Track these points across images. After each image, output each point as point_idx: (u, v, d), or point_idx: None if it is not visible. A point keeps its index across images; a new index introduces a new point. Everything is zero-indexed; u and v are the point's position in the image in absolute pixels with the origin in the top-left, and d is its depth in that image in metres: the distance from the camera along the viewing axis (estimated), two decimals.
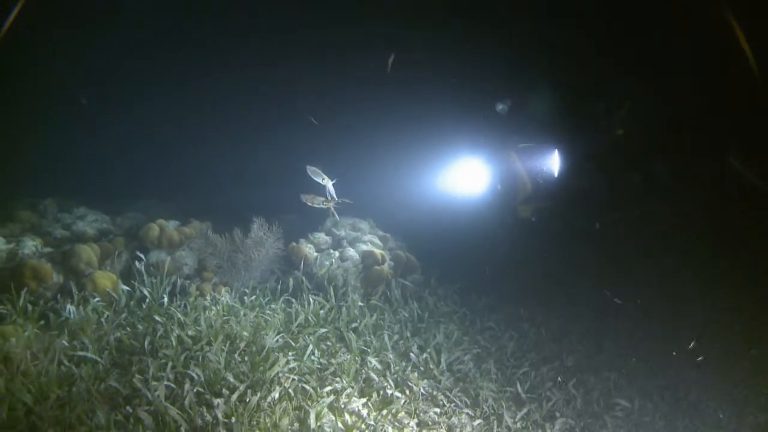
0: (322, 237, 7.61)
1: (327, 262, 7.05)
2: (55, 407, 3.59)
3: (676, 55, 6.56)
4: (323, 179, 5.41)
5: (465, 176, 7.03)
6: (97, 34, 10.15)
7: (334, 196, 5.44)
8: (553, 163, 6.24)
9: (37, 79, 10.39)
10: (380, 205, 8.23)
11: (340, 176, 5.81)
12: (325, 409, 4.23)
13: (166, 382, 4.05)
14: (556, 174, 6.26)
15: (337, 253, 7.25)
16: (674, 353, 6.31)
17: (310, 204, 5.55)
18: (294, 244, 7.22)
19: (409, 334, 6.01)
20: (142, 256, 6.50)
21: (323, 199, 5.49)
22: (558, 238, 7.27)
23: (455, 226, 7.75)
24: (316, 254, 7.24)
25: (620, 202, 6.67)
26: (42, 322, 5.08)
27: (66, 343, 4.68)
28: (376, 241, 7.78)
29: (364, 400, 4.58)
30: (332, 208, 5.55)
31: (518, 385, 5.32)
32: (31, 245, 6.02)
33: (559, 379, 5.68)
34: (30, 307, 5.19)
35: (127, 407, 3.76)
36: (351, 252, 7.27)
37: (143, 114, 10.74)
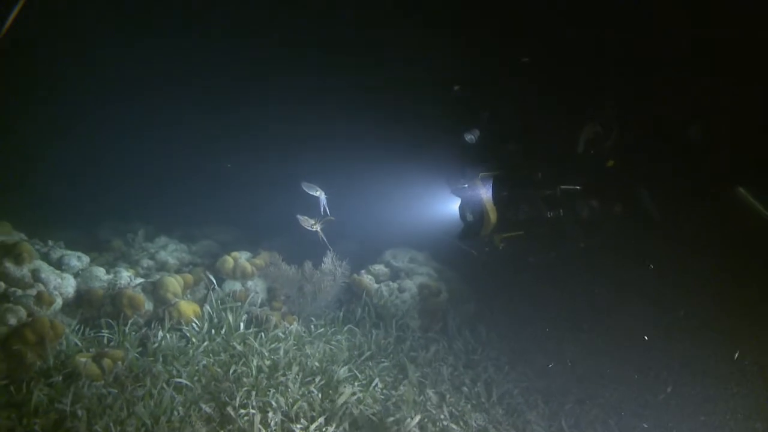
0: (381, 269, 8.14)
1: (386, 293, 7.58)
2: (166, 429, 4.22)
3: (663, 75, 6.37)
4: (317, 191, 5.80)
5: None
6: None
7: (327, 209, 5.80)
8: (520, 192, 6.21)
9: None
10: (434, 238, 8.65)
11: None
12: None
13: (252, 410, 4.63)
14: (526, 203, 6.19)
15: (395, 285, 7.77)
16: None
17: (304, 226, 5.95)
18: (356, 275, 7.78)
19: (462, 367, 6.44)
20: (217, 286, 7.18)
21: (312, 221, 5.90)
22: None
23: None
24: (376, 285, 7.77)
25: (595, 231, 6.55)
26: (140, 349, 5.80)
27: (162, 368, 5.35)
28: (432, 272, 8.25)
29: (417, 418, 5.03)
30: (320, 232, 5.94)
31: (563, 420, 5.69)
32: (126, 276, 6.78)
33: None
34: (128, 333, 5.93)
35: (222, 431, 4.36)
36: (409, 283, 7.78)
37: (203, 142, 11.61)
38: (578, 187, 6.19)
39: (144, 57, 11.16)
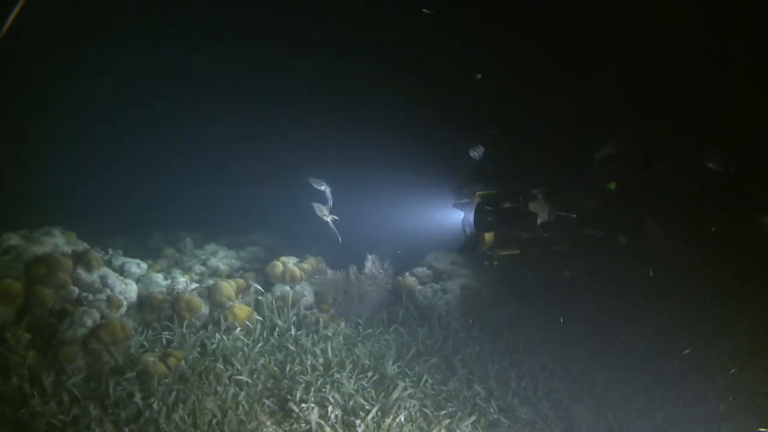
0: (424, 271, 8.36)
1: (430, 294, 7.78)
2: (234, 421, 4.50)
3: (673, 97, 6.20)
4: (323, 186, 6.14)
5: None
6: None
7: (331, 202, 6.22)
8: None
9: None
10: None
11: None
12: (443, 430, 4.92)
13: (311, 404, 4.87)
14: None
15: (438, 286, 7.99)
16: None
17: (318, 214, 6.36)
18: (400, 277, 8.01)
19: (507, 364, 6.58)
20: (262, 290, 7.42)
21: (325, 213, 6.28)
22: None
23: None
24: (419, 287, 7.99)
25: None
26: (199, 349, 6.11)
27: (222, 367, 5.64)
28: (472, 274, 8.41)
29: (474, 418, 5.23)
30: (332, 224, 6.30)
31: (609, 415, 5.79)
32: (182, 281, 7.14)
33: None
34: (186, 334, 6.26)
35: (285, 424, 4.62)
36: (451, 285, 7.98)
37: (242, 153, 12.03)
38: (573, 215, 6.11)
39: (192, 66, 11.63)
